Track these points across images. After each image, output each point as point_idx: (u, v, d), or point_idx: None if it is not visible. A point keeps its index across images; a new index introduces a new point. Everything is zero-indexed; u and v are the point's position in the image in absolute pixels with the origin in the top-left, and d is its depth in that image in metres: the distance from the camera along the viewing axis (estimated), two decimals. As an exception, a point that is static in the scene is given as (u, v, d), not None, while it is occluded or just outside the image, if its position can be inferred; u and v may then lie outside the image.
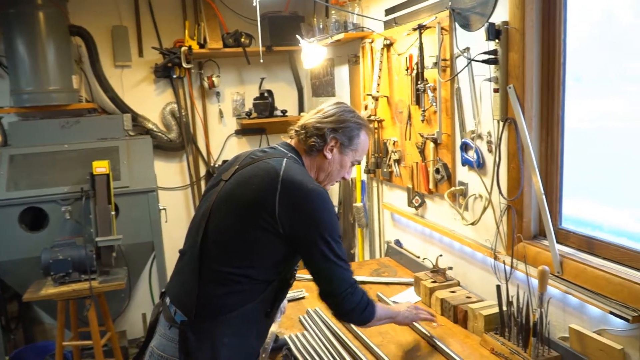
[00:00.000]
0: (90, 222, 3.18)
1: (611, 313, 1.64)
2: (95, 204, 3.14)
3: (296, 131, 1.70)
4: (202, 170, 4.47)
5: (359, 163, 1.80)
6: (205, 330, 1.51)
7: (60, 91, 3.55)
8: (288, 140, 1.73)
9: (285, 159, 1.58)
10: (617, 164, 1.86)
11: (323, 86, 4.14)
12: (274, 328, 1.98)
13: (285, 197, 1.48)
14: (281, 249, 1.52)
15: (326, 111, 1.69)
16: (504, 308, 1.92)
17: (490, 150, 2.16)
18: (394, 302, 2.39)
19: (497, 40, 1.98)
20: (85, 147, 3.54)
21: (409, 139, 2.77)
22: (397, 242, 3.11)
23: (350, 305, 1.59)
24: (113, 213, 3.16)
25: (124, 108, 4.06)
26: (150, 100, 4.24)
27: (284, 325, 2.20)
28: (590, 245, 1.85)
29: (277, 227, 1.49)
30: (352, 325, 2.08)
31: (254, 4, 2.93)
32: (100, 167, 3.15)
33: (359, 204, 3.51)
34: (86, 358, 3.57)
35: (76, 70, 3.78)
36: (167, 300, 1.61)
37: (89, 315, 3.06)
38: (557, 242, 1.91)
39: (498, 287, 1.95)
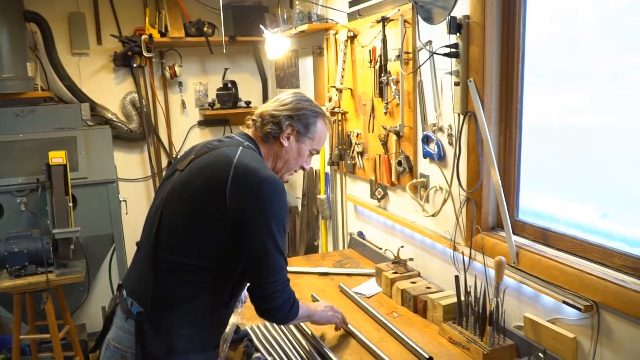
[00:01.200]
0: (47, 213, 3.09)
1: (564, 302, 1.69)
2: (51, 195, 3.05)
3: (253, 120, 1.69)
4: (164, 162, 4.40)
5: (318, 153, 1.79)
6: (162, 322, 1.49)
7: (14, 79, 3.42)
8: (246, 130, 1.72)
9: (240, 147, 1.57)
10: (574, 159, 1.91)
11: (287, 77, 4.12)
12: (234, 319, 1.97)
13: (236, 184, 1.46)
14: (233, 238, 1.50)
15: (283, 100, 1.69)
16: (462, 298, 1.96)
17: (450, 143, 2.19)
18: (357, 292, 2.41)
19: (458, 34, 2.00)
20: (41, 137, 3.43)
21: (372, 132, 2.79)
22: (360, 234, 3.14)
23: (281, 301, 1.54)
24: (70, 204, 3.08)
25: (81, 97, 3.95)
26: (109, 90, 4.13)
27: (246, 316, 2.19)
28: (545, 236, 1.90)
29: (227, 214, 1.46)
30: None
31: (217, -7, 2.89)
32: (57, 157, 3.06)
33: (322, 195, 3.52)
34: (44, 352, 3.48)
35: (31, 58, 3.66)
36: (124, 292, 1.59)
37: (46, 309, 2.98)
38: (514, 233, 1.95)
39: (457, 277, 1.99)
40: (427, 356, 1.80)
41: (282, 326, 2.08)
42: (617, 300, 1.53)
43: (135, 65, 4.06)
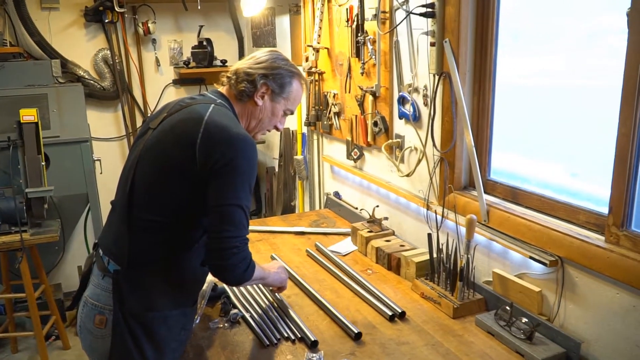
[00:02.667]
0: (19, 172, 3.04)
1: (531, 258, 1.76)
2: (23, 154, 3.00)
3: (228, 77, 1.66)
4: (139, 121, 4.34)
5: (292, 113, 1.78)
6: (139, 279, 1.51)
7: (-20, 33, 3.31)
8: (220, 88, 1.70)
9: (212, 105, 1.55)
10: (546, 120, 1.94)
11: (264, 36, 4.06)
12: (212, 277, 2.00)
13: (206, 141, 1.44)
14: (204, 192, 1.47)
15: (258, 58, 1.66)
16: (434, 255, 2.02)
17: (425, 104, 2.21)
18: (333, 251, 2.46)
19: (435, -6, 2.00)
20: (11, 93, 3.34)
21: (349, 92, 2.78)
22: (336, 194, 3.17)
23: (237, 259, 1.48)
24: (43, 163, 3.03)
25: (52, 53, 3.84)
26: (80, 46, 4.02)
27: (223, 275, 2.22)
28: (515, 195, 1.95)
29: (196, 170, 1.44)
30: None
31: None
32: (28, 115, 2.99)
33: (299, 156, 3.53)
34: (20, 311, 3.49)
35: (-2, 12, 3.52)
36: (100, 250, 1.59)
37: (21, 268, 2.97)
38: (485, 192, 2.01)
39: (429, 235, 2.04)
40: (400, 311, 1.86)
41: (260, 285, 2.11)
42: (580, 255, 1.59)
43: (107, 20, 3.94)
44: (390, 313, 1.85)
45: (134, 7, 4.08)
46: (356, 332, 1.74)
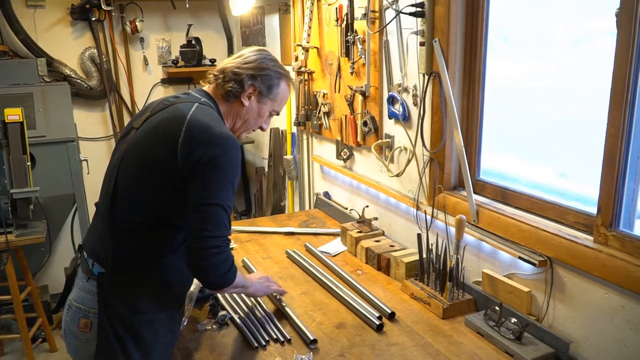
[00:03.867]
0: (4, 173, 3.00)
1: (520, 258, 1.76)
2: (8, 154, 2.95)
3: (214, 75, 1.63)
4: (127, 120, 4.29)
5: (278, 114, 1.77)
6: (124, 282, 1.48)
7: (-36, 31, 3.26)
8: (205, 87, 1.67)
9: (196, 104, 1.52)
10: (537, 121, 1.95)
11: (253, 35, 4.04)
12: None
13: (188, 139, 1.41)
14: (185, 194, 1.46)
15: (247, 57, 1.63)
16: (424, 255, 2.02)
17: (415, 104, 2.21)
18: (322, 251, 2.45)
19: (424, -7, 1.99)
20: (-5, 92, 3.30)
21: (339, 92, 2.77)
22: (326, 194, 3.16)
23: (218, 260, 1.44)
24: (29, 164, 2.99)
25: (37, 52, 3.80)
26: (67, 45, 3.98)
27: (212, 276, 2.20)
28: (504, 195, 1.95)
29: (179, 171, 1.42)
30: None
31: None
32: (13, 114, 2.95)
33: (289, 156, 3.51)
34: (6, 313, 3.44)
35: (-18, 9, 3.47)
36: (85, 253, 1.57)
37: (6, 270, 2.93)
38: (475, 192, 2.00)
39: (419, 235, 2.04)
40: (389, 312, 1.86)
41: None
42: (569, 256, 1.60)
43: (94, 19, 3.91)
44: (377, 323, 1.79)
45: (121, 5, 4.04)
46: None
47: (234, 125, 1.67)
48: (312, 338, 1.70)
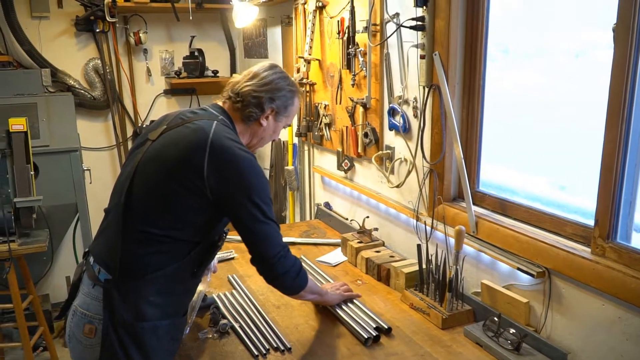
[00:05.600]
0: (8, 182, 3.02)
1: (519, 269, 1.78)
2: (12, 163, 2.98)
3: (230, 97, 1.68)
4: (129, 131, 4.33)
5: (290, 126, 1.83)
6: (130, 289, 1.50)
7: (-30, 41, 3.30)
8: (220, 102, 1.71)
9: (215, 122, 1.56)
10: (536, 134, 1.97)
11: (255, 47, 4.08)
12: (202, 287, 2.00)
13: (214, 161, 1.48)
14: (207, 211, 1.52)
15: (262, 77, 1.67)
16: (424, 266, 2.03)
17: (415, 116, 2.24)
18: (323, 261, 2.46)
19: (424, 7, 2.03)
20: (0, 102, 3.33)
21: (340, 103, 2.80)
22: (327, 205, 3.18)
23: (284, 268, 1.60)
24: (32, 173, 3.01)
25: (42, 62, 3.83)
26: (71, 55, 4.02)
27: (213, 285, 2.22)
28: (503, 207, 1.97)
29: (204, 190, 1.48)
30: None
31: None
32: (17, 124, 2.97)
33: (290, 167, 3.54)
34: (7, 322, 3.45)
35: (-12, 20, 3.52)
36: (91, 259, 1.59)
37: (8, 278, 2.94)
38: (474, 204, 2.02)
39: (419, 246, 2.05)
40: (386, 327, 1.84)
41: (250, 294, 2.12)
42: (567, 267, 1.61)
43: (98, 30, 3.95)
44: (366, 335, 1.78)
45: (125, 17, 4.09)
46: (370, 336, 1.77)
47: (250, 142, 1.74)
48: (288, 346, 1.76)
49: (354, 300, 2.01)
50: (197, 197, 1.49)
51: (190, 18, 3.54)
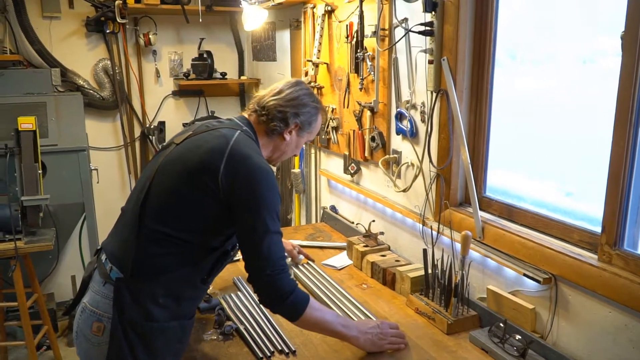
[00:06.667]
0: (15, 180, 3.04)
1: (525, 275, 1.77)
2: (20, 162, 3.00)
3: (256, 110, 1.70)
4: (137, 131, 4.35)
5: (312, 142, 1.84)
6: (141, 289, 1.51)
7: (-19, 41, 3.32)
8: (246, 115, 1.74)
9: (238, 131, 1.59)
10: (543, 140, 1.97)
11: (264, 50, 4.10)
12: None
13: (230, 166, 1.49)
14: (220, 215, 1.53)
15: (287, 94, 1.70)
16: (429, 271, 2.03)
17: (423, 120, 2.24)
18: (328, 265, 2.46)
19: (433, 13, 2.03)
20: (9, 101, 3.35)
21: (347, 107, 2.81)
22: (333, 208, 3.18)
23: (283, 284, 1.53)
24: (40, 172, 3.03)
25: (52, 62, 3.86)
26: (81, 55, 4.05)
27: (218, 286, 2.22)
28: (510, 212, 1.97)
29: (218, 192, 1.49)
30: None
31: (194, -40, 2.84)
32: (26, 123, 3.00)
33: (296, 170, 3.54)
34: (12, 320, 3.47)
35: (0, 20, 3.54)
36: (103, 256, 1.60)
37: (14, 276, 2.96)
38: (480, 209, 2.02)
39: (425, 251, 2.05)
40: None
41: (255, 296, 2.11)
42: (574, 273, 1.61)
43: (108, 31, 3.97)
44: None
45: (135, 18, 4.12)
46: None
47: (272, 156, 1.76)
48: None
49: (357, 304, 2.02)
50: (211, 200, 1.51)
51: (200, 20, 3.56)
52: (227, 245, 1.64)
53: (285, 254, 1.84)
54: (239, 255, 2.55)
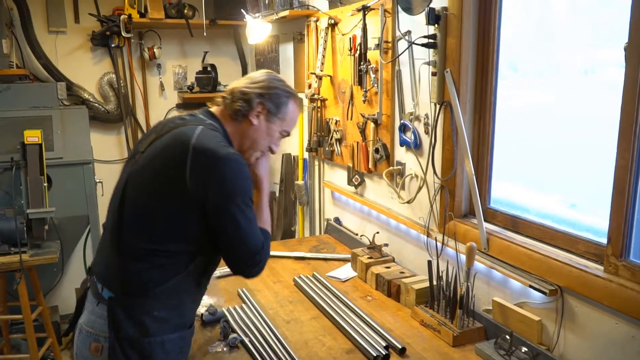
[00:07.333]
0: (21, 193, 3.05)
1: (531, 287, 1.77)
2: (26, 175, 3.01)
3: (223, 97, 1.64)
4: (141, 144, 4.36)
5: (288, 135, 1.73)
6: (134, 306, 1.48)
7: (-12, 55, 3.36)
8: (212, 108, 1.67)
9: (200, 127, 1.52)
10: (546, 151, 1.97)
11: (268, 63, 4.12)
12: (208, 299, 2.00)
13: (196, 165, 1.43)
14: (197, 218, 1.47)
15: (255, 77, 1.65)
16: (434, 282, 2.02)
17: (426, 132, 2.24)
18: (332, 277, 2.46)
19: (436, 25, 2.05)
20: (16, 115, 3.36)
21: (351, 119, 2.82)
22: (337, 220, 3.18)
23: (258, 269, 1.57)
24: (45, 184, 3.04)
25: (58, 76, 3.90)
26: (86, 69, 4.08)
27: (223, 298, 2.22)
28: (515, 224, 1.97)
29: (189, 196, 1.43)
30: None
31: (199, -25, 2.88)
32: (32, 136, 3.02)
33: (300, 181, 3.55)
34: (16, 333, 3.46)
35: (7, 35, 3.58)
36: (94, 276, 1.57)
37: (18, 289, 2.96)
38: (485, 220, 2.02)
39: (429, 262, 2.05)
40: (400, 347, 1.83)
41: (259, 308, 2.11)
42: (580, 285, 1.60)
43: (113, 45, 4.01)
44: (375, 354, 1.78)
45: (140, 33, 4.15)
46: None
47: (242, 145, 1.65)
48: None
49: (364, 316, 2.01)
50: (184, 205, 1.45)
51: (205, 34, 3.59)
52: (213, 245, 1.55)
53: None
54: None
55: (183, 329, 1.59)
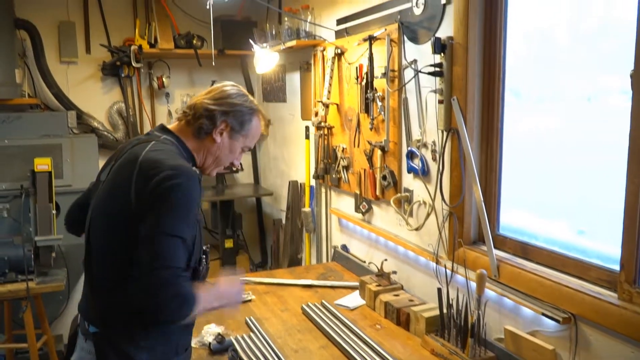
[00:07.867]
0: (30, 220, 3.06)
1: (543, 315, 1.74)
2: (35, 202, 3.03)
3: (184, 112, 1.59)
4: (149, 172, 4.38)
5: (250, 150, 1.73)
6: (120, 338, 1.45)
7: (1, 85, 3.40)
8: (172, 124, 1.63)
9: (152, 142, 1.49)
10: (553, 178, 1.97)
11: (274, 91, 4.17)
12: (216, 327, 1.98)
13: (140, 178, 1.39)
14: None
15: (218, 93, 1.59)
16: (444, 310, 2.00)
17: (434, 159, 2.25)
18: (340, 305, 2.44)
19: (442, 54, 2.07)
20: (26, 143, 3.41)
21: (358, 146, 2.83)
22: (344, 247, 3.17)
23: (169, 294, 1.33)
24: (54, 212, 3.06)
25: (68, 105, 3.94)
26: (96, 99, 4.13)
27: (231, 327, 2.20)
28: (525, 250, 1.95)
29: (134, 212, 1.37)
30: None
31: (207, 7, 2.93)
32: (42, 164, 3.05)
33: (307, 209, 3.55)
34: (20, 362, 3.43)
35: (19, 65, 3.65)
36: (81, 313, 1.56)
37: (24, 318, 2.94)
38: (495, 247, 2.01)
39: (439, 290, 2.03)
40: None
41: (267, 337, 2.09)
42: (593, 312, 1.58)
43: (123, 75, 4.07)
44: None
45: (149, 62, 4.22)
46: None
47: (205, 161, 1.63)
48: None
49: (374, 345, 1.98)
50: (135, 222, 1.37)
51: (213, 64, 3.65)
52: (192, 263, 1.49)
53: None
54: (251, 296, 2.54)
55: (175, 355, 1.54)
